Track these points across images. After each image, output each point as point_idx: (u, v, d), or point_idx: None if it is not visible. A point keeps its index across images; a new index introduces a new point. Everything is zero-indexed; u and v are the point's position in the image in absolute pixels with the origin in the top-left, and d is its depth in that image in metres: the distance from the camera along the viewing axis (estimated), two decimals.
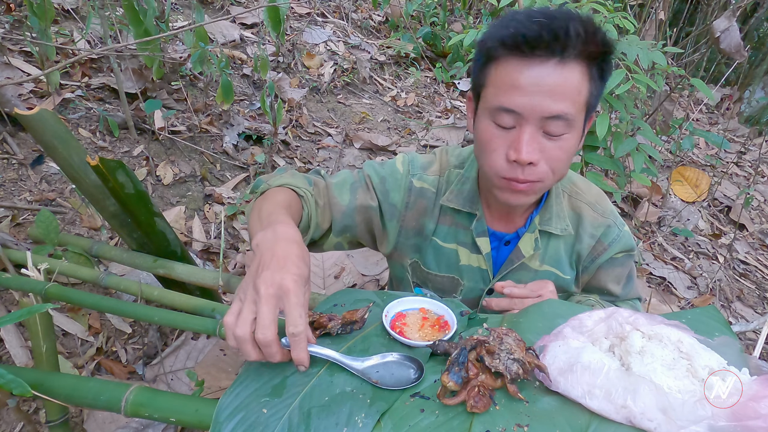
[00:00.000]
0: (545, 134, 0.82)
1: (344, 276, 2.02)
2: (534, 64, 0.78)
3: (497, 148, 0.84)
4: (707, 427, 0.52)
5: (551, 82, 0.78)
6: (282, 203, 0.88)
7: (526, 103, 0.79)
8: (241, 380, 0.65)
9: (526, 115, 0.80)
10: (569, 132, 0.82)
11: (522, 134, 0.81)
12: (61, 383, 0.77)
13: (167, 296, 1.05)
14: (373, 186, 1.03)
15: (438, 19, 3.91)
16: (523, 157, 0.81)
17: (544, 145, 0.82)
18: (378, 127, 3.02)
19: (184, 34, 2.21)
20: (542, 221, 1.00)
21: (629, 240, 1.05)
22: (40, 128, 1.00)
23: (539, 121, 0.80)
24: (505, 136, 0.83)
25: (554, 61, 0.77)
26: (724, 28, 1.88)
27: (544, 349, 0.66)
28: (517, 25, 0.78)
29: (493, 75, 0.83)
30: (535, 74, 0.78)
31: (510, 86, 0.80)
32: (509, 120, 0.82)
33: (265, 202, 0.89)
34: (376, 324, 0.77)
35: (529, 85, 0.78)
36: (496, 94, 0.82)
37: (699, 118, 4.55)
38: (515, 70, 0.79)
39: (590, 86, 0.82)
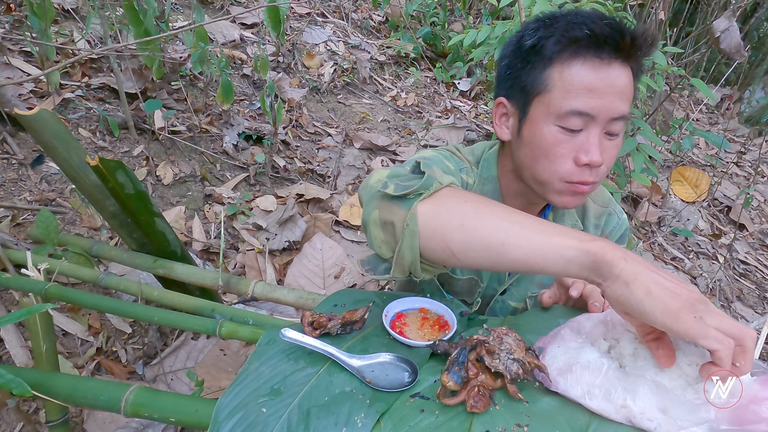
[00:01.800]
0: (606, 135, 0.83)
1: (344, 276, 2.02)
2: (604, 66, 0.78)
3: (565, 153, 0.83)
4: (708, 429, 0.52)
5: (621, 84, 0.79)
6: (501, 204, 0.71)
7: (600, 105, 0.79)
8: (240, 380, 0.65)
9: (597, 117, 0.80)
10: (622, 131, 0.85)
11: (592, 137, 0.81)
12: (61, 383, 0.77)
13: (167, 296, 1.05)
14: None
15: (438, 19, 3.91)
16: (597, 159, 0.81)
17: (605, 146, 0.83)
18: (378, 127, 3.02)
19: (184, 34, 2.21)
20: (556, 218, 1.02)
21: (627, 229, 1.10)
22: (40, 128, 1.00)
23: (606, 123, 0.81)
24: (572, 140, 0.82)
25: (618, 62, 0.79)
26: (724, 28, 1.88)
27: (543, 349, 0.66)
28: (589, 25, 0.78)
29: (558, 78, 0.80)
30: (608, 76, 0.79)
31: (583, 88, 0.79)
32: (579, 122, 0.81)
33: (482, 202, 0.68)
34: (376, 324, 0.77)
35: (604, 87, 0.79)
36: (566, 98, 0.80)
37: (699, 118, 4.55)
38: (588, 71, 0.78)
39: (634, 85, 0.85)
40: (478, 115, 3.40)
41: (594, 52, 0.78)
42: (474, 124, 3.24)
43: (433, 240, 0.66)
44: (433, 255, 0.68)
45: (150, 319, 0.93)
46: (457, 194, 0.70)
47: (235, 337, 0.85)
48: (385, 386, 0.63)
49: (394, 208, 0.69)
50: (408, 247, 0.68)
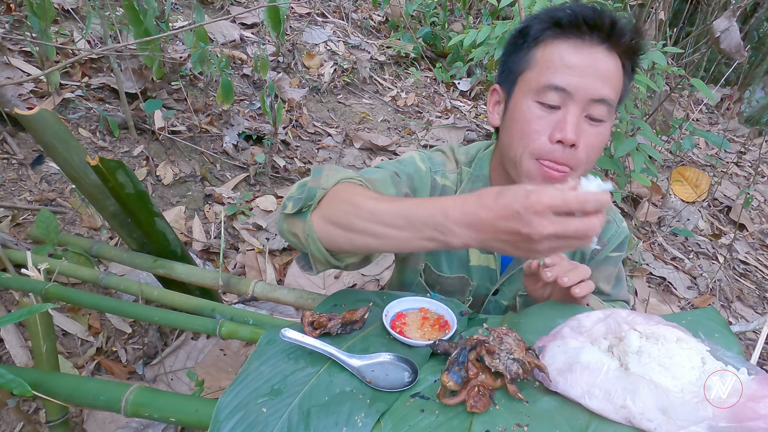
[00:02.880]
0: (587, 119, 0.83)
1: (344, 276, 2.02)
2: (586, 46, 0.81)
3: (540, 129, 0.84)
4: (707, 427, 0.52)
5: (603, 66, 0.81)
6: (374, 194, 0.79)
7: (578, 83, 0.80)
8: (240, 379, 0.65)
9: (575, 95, 0.81)
10: (607, 120, 0.85)
11: (568, 114, 0.82)
12: (61, 383, 0.77)
13: (167, 296, 1.05)
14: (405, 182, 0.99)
15: (438, 19, 3.91)
16: (569, 136, 0.81)
17: (585, 130, 0.83)
18: (378, 127, 3.02)
19: (184, 34, 2.21)
20: None
21: (626, 237, 1.07)
22: (40, 128, 1.00)
23: (585, 104, 0.82)
24: (548, 117, 0.83)
25: (604, 47, 0.81)
26: (724, 28, 1.88)
27: (543, 349, 0.66)
28: (574, 8, 0.82)
29: (540, 56, 0.84)
30: (589, 55, 0.81)
31: (562, 65, 0.81)
32: (556, 98, 0.82)
33: (356, 198, 0.75)
34: (376, 324, 0.77)
35: (583, 65, 0.80)
36: (544, 74, 0.83)
37: (699, 118, 4.55)
38: (569, 49, 0.82)
39: (624, 81, 0.86)
40: (478, 115, 3.40)
41: (576, 33, 0.81)
42: (474, 124, 3.25)
43: (327, 240, 0.75)
44: (336, 248, 0.76)
45: (150, 319, 0.93)
46: (335, 197, 0.77)
47: (235, 337, 0.85)
48: (385, 386, 0.63)
49: (296, 223, 0.78)
50: (315, 249, 0.76)
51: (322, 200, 0.77)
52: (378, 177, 0.91)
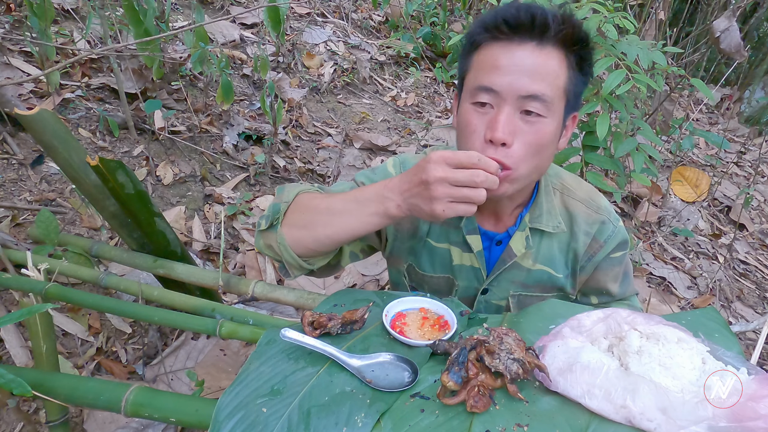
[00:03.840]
0: (522, 115, 0.83)
1: (344, 276, 2.02)
2: (513, 46, 0.82)
3: (476, 129, 0.86)
4: (707, 427, 0.52)
5: (529, 63, 0.81)
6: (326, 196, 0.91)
7: (504, 82, 0.82)
8: (240, 379, 0.65)
9: (503, 94, 0.82)
10: (547, 116, 0.83)
11: (499, 113, 0.83)
12: (61, 383, 0.77)
13: (167, 296, 1.05)
14: None
15: (438, 19, 3.91)
16: (498, 135, 0.81)
17: (520, 128, 0.83)
18: (378, 127, 3.02)
19: (184, 34, 2.21)
20: (532, 219, 0.99)
21: (624, 235, 1.05)
22: (40, 128, 1.00)
23: (517, 101, 0.82)
24: (482, 117, 0.85)
25: (533, 44, 0.82)
26: (724, 28, 1.88)
27: (543, 349, 0.66)
28: (498, 10, 0.84)
29: (476, 60, 0.87)
30: (514, 55, 0.82)
31: (490, 67, 0.83)
32: (487, 97, 0.84)
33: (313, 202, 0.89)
34: (376, 324, 0.78)
35: (508, 65, 0.82)
36: (477, 76, 0.85)
37: (699, 118, 4.55)
38: (496, 52, 0.83)
39: (569, 74, 0.85)
40: None
41: (505, 35, 0.83)
42: None
43: (297, 247, 0.88)
44: (305, 250, 0.88)
45: (150, 319, 0.93)
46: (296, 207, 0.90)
47: (235, 337, 0.86)
48: (386, 386, 0.63)
49: (270, 236, 0.90)
50: (288, 255, 0.89)
51: (287, 212, 0.90)
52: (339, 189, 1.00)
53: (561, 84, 0.84)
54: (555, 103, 0.84)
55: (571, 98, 0.87)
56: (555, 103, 0.84)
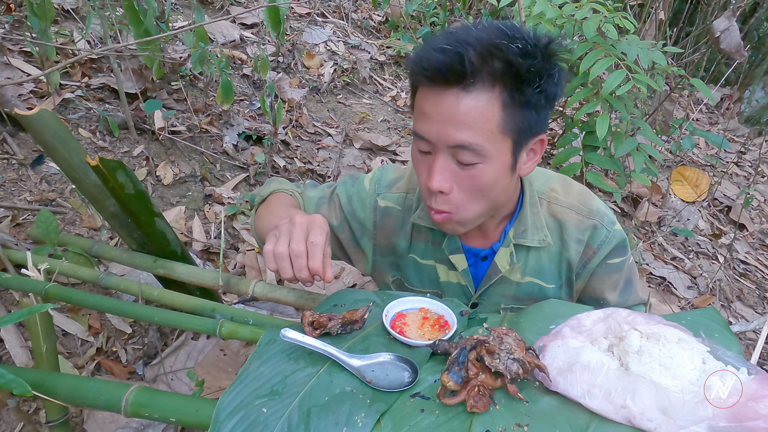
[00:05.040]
0: (458, 163, 0.80)
1: (344, 276, 2.02)
2: (437, 92, 0.77)
3: (421, 173, 0.85)
4: (707, 427, 0.52)
5: (452, 111, 0.76)
6: (288, 203, 1.03)
7: (432, 131, 0.78)
8: (240, 380, 0.65)
9: (435, 143, 0.79)
10: (482, 162, 0.79)
11: (435, 162, 0.80)
12: (61, 383, 0.77)
13: (167, 296, 1.05)
14: (340, 204, 1.04)
15: (438, 19, 3.91)
16: (432, 185, 0.80)
17: (457, 174, 0.80)
18: (378, 127, 3.02)
19: (184, 34, 2.21)
20: (516, 235, 0.96)
21: (621, 240, 0.99)
22: (40, 128, 1.00)
23: (448, 150, 0.79)
24: (425, 161, 0.83)
25: (456, 89, 0.75)
26: (724, 28, 1.88)
27: (543, 349, 0.66)
28: (422, 53, 0.77)
29: (415, 101, 0.83)
30: (439, 102, 0.77)
31: (421, 113, 0.80)
32: (425, 146, 0.82)
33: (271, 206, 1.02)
34: (376, 324, 0.78)
35: (433, 113, 0.78)
36: (415, 120, 0.83)
37: (699, 118, 4.55)
38: (425, 97, 0.79)
39: (504, 114, 0.76)
40: None
41: (427, 79, 0.77)
42: None
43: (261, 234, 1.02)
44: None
45: (150, 319, 0.93)
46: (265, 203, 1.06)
47: (236, 337, 0.86)
48: (386, 386, 0.63)
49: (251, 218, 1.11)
50: (257, 241, 1.07)
51: (261, 204, 1.07)
52: (311, 195, 1.08)
53: (493, 127, 0.77)
54: (489, 147, 0.78)
55: (516, 135, 0.79)
56: (489, 146, 0.78)
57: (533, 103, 0.78)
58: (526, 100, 0.77)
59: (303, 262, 0.76)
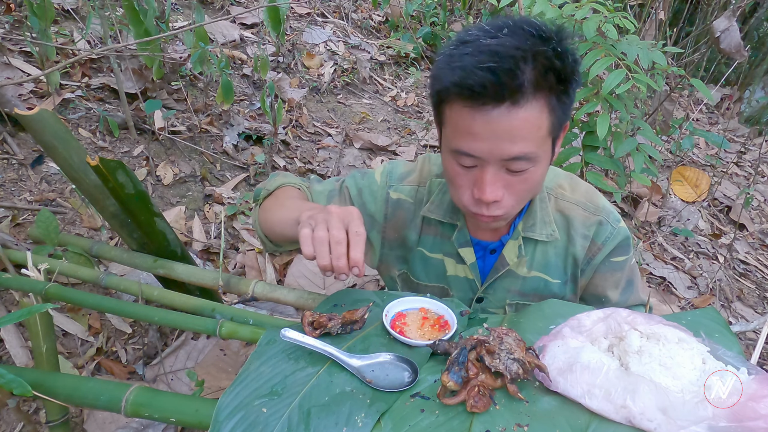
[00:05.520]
0: (508, 171, 0.80)
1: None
2: (486, 111, 0.73)
3: (462, 185, 0.84)
4: (707, 427, 0.52)
5: (506, 127, 0.74)
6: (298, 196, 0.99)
7: (483, 148, 0.77)
8: (240, 380, 0.65)
9: (486, 159, 0.78)
10: (534, 165, 0.80)
11: (485, 174, 0.79)
12: (61, 383, 0.77)
13: (167, 296, 1.05)
14: (350, 197, 1.04)
15: (438, 19, 3.91)
16: (487, 197, 0.80)
17: (508, 181, 0.81)
18: (378, 127, 3.02)
19: (184, 34, 2.21)
20: (525, 228, 0.97)
21: (625, 238, 1.00)
22: (40, 128, 1.00)
23: (500, 162, 0.78)
24: (468, 174, 0.82)
25: (506, 105, 0.73)
26: (724, 28, 1.88)
27: (543, 349, 0.66)
28: (462, 72, 0.73)
29: (448, 116, 0.80)
30: (488, 121, 0.74)
31: (465, 132, 0.77)
32: (470, 161, 0.80)
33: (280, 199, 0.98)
34: (376, 324, 0.78)
35: (483, 132, 0.75)
36: (454, 137, 0.79)
37: (699, 118, 4.55)
38: (467, 116, 0.75)
39: (552, 117, 0.77)
40: None
41: (471, 99, 0.73)
42: None
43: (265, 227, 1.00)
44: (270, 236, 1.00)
45: (150, 319, 0.93)
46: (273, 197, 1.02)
47: (236, 337, 0.86)
48: (386, 386, 0.63)
49: (254, 212, 1.06)
50: (260, 235, 1.03)
51: (266, 198, 1.02)
52: (320, 189, 1.06)
53: (544, 132, 0.77)
54: (540, 151, 0.79)
55: (557, 131, 0.81)
56: (540, 151, 0.79)
57: (571, 98, 0.80)
58: (569, 97, 0.79)
59: (342, 250, 0.71)
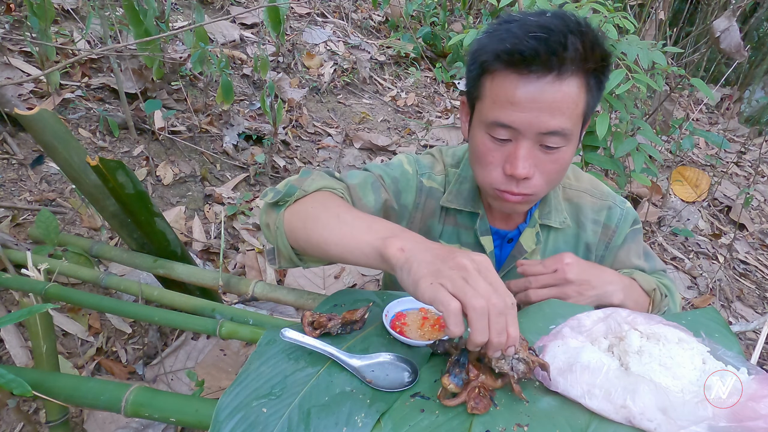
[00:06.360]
0: (541, 147, 0.81)
1: (344, 276, 2.02)
2: (531, 80, 0.76)
3: (493, 161, 0.84)
4: (707, 427, 0.52)
5: (549, 98, 0.76)
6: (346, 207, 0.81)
7: (523, 119, 0.78)
8: (240, 380, 0.65)
9: (523, 131, 0.79)
10: (566, 145, 0.82)
11: (519, 149, 0.80)
12: (61, 383, 0.77)
13: (167, 296, 1.05)
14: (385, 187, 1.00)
15: (438, 19, 3.91)
16: (519, 172, 0.81)
17: (539, 159, 0.82)
18: (378, 127, 3.02)
19: (184, 34, 2.21)
20: (542, 215, 1.00)
21: (635, 216, 1.04)
22: (40, 128, 1.00)
23: (536, 136, 0.80)
24: (500, 149, 0.83)
25: (551, 76, 0.75)
26: (724, 28, 1.88)
27: (543, 349, 0.66)
28: (513, 39, 0.75)
29: (489, 88, 0.81)
30: (533, 90, 0.76)
31: (506, 101, 0.78)
32: (505, 134, 0.81)
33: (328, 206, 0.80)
34: (376, 324, 0.77)
35: (526, 101, 0.77)
36: (492, 109, 0.80)
37: (699, 118, 4.55)
38: (512, 85, 0.77)
39: (587, 97, 0.80)
40: None
41: (519, 67, 0.76)
42: None
43: (291, 238, 0.81)
44: (298, 248, 0.82)
45: (150, 319, 0.93)
46: (311, 200, 0.82)
47: (236, 337, 0.85)
48: (386, 386, 0.63)
49: (272, 214, 0.84)
50: (281, 243, 0.82)
51: (299, 200, 0.82)
52: (359, 182, 0.94)
53: (580, 111, 0.81)
54: (573, 131, 0.81)
55: (587, 117, 0.85)
56: (575, 129, 0.81)
57: (603, 85, 0.83)
58: (601, 83, 0.82)
59: (504, 322, 0.56)
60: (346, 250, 0.72)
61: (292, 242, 0.81)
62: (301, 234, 0.79)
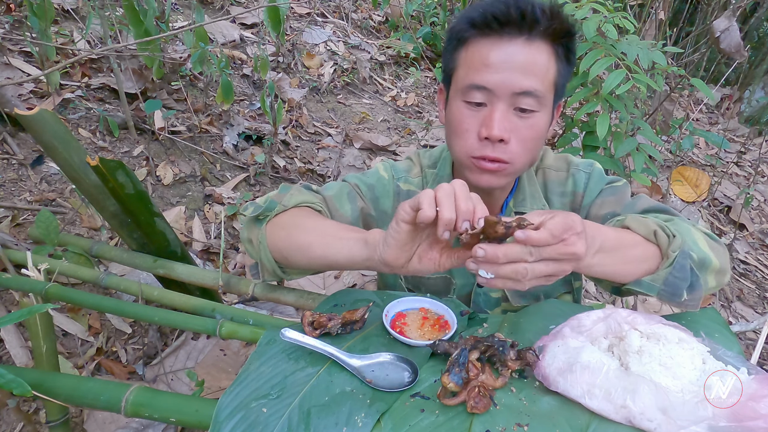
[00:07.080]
0: (516, 111, 0.84)
1: (344, 276, 2.02)
2: (503, 42, 0.82)
3: (469, 127, 0.86)
4: (707, 427, 0.52)
5: (521, 59, 0.81)
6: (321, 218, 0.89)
7: (497, 80, 0.82)
8: (240, 380, 0.65)
9: (497, 92, 0.82)
10: (540, 110, 0.85)
11: (493, 111, 0.83)
12: (61, 383, 0.77)
13: (167, 296, 1.05)
14: (362, 195, 1.03)
15: (438, 19, 3.91)
16: (495, 133, 0.82)
17: (515, 124, 0.84)
18: (378, 127, 3.02)
19: (184, 34, 2.21)
20: (516, 203, 1.01)
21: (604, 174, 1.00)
22: (40, 128, 1.00)
23: (510, 98, 0.83)
24: (476, 114, 0.86)
25: (522, 39, 0.81)
26: (724, 28, 1.88)
27: (543, 349, 0.66)
28: (486, 6, 0.82)
29: (464, 56, 0.86)
30: (505, 51, 0.81)
31: (481, 64, 0.83)
32: (480, 96, 0.84)
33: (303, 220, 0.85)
34: (376, 324, 0.78)
35: (499, 62, 0.81)
36: (467, 74, 0.84)
37: (699, 118, 4.55)
38: (485, 48, 0.83)
39: (558, 66, 0.85)
40: None
41: (491, 30, 0.82)
42: None
43: (275, 251, 0.85)
44: (282, 261, 0.86)
45: (150, 319, 0.93)
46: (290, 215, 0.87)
47: (236, 337, 0.86)
48: (386, 386, 0.63)
49: (254, 229, 0.89)
50: (265, 257, 0.86)
51: (279, 215, 0.87)
52: (334, 193, 0.98)
53: (551, 77, 0.85)
54: (546, 97, 0.85)
55: (559, 89, 0.88)
56: (546, 96, 0.85)
57: (571, 63, 0.88)
58: (569, 60, 0.87)
59: (470, 199, 0.63)
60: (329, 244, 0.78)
61: (275, 254, 0.86)
62: (284, 243, 0.83)
